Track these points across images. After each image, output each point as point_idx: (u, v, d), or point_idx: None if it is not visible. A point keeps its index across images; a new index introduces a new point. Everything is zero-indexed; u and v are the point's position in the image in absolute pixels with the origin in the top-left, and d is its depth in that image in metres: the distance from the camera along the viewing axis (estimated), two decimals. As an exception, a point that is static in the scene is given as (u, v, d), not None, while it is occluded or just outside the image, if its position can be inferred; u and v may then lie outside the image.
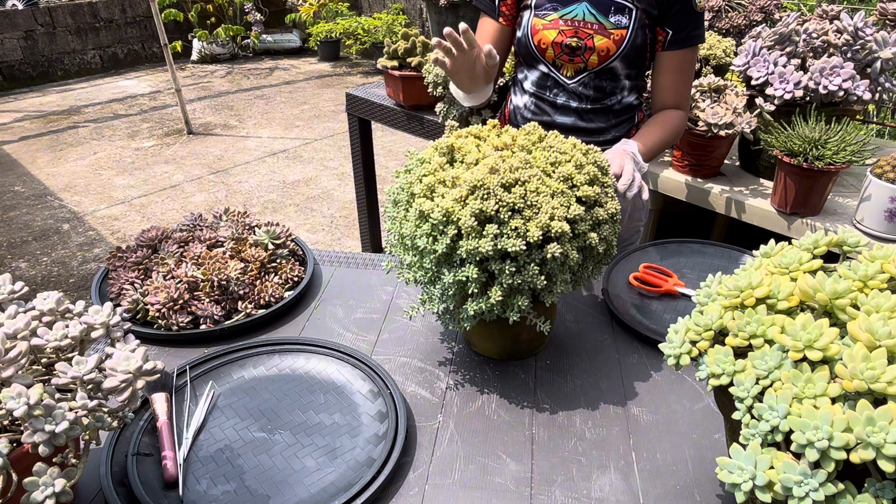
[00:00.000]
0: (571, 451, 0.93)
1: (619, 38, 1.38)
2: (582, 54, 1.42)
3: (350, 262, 1.44)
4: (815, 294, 0.69)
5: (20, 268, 3.43)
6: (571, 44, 1.40)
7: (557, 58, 1.44)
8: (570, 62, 1.44)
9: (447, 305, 0.97)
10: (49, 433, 0.68)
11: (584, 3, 1.39)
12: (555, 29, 1.41)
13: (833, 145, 1.51)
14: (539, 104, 1.54)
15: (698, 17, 1.40)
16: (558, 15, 1.41)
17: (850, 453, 0.58)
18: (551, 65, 1.47)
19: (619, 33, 1.38)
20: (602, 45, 1.39)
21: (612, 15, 1.38)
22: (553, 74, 1.48)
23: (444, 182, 0.94)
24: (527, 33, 1.46)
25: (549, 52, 1.44)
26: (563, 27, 1.41)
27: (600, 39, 1.39)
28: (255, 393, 1.04)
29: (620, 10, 1.37)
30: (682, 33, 1.39)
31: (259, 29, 7.88)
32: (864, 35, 1.73)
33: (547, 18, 1.42)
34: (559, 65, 1.46)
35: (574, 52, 1.42)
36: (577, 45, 1.41)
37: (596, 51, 1.40)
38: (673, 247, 1.43)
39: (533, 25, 1.44)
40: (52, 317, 0.83)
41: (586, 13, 1.38)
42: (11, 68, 6.57)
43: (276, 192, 4.28)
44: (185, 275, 1.20)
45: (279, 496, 0.86)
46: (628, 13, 1.37)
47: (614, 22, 1.38)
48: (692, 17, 1.39)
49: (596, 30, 1.39)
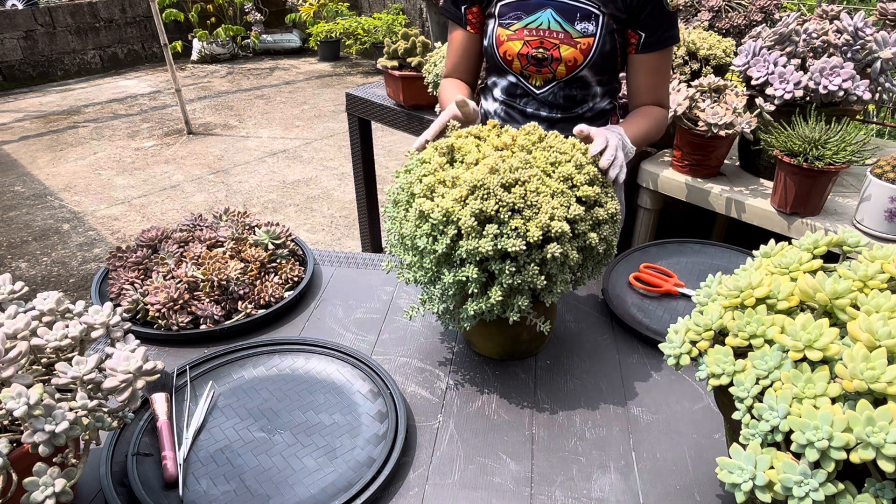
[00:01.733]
0: (571, 451, 0.93)
1: (586, 46, 1.34)
2: (549, 65, 1.38)
3: (350, 262, 1.44)
4: (815, 294, 0.69)
5: (20, 268, 3.43)
6: (537, 55, 1.37)
7: (525, 69, 1.41)
8: (538, 73, 1.41)
9: (447, 305, 0.97)
10: (49, 433, 0.68)
11: (549, 11, 1.34)
12: (520, 40, 1.37)
13: (833, 145, 1.51)
14: (509, 112, 1.51)
15: (671, 18, 1.35)
16: (522, 25, 1.36)
17: (850, 453, 0.58)
18: (519, 75, 1.44)
19: (585, 42, 1.34)
20: (569, 56, 1.35)
21: (578, 22, 1.33)
22: (522, 84, 1.45)
23: (444, 182, 0.94)
24: (492, 43, 1.42)
25: (515, 63, 1.41)
26: (528, 37, 1.36)
27: (567, 49, 1.35)
28: (255, 393, 1.04)
29: (587, 17, 1.33)
30: (656, 35, 1.35)
31: (259, 29, 7.89)
32: (864, 35, 1.73)
33: (511, 28, 1.37)
34: (527, 75, 1.43)
35: (541, 63, 1.38)
36: (543, 57, 1.37)
37: (563, 61, 1.36)
38: (673, 247, 1.44)
39: (498, 36, 1.39)
40: (52, 317, 0.83)
41: (551, 21, 1.34)
42: (11, 68, 6.57)
43: (276, 192, 4.28)
44: (185, 275, 1.20)
45: (279, 496, 0.86)
46: (595, 19, 1.33)
47: (580, 30, 1.33)
48: (665, 19, 1.34)
49: (562, 39, 1.35)
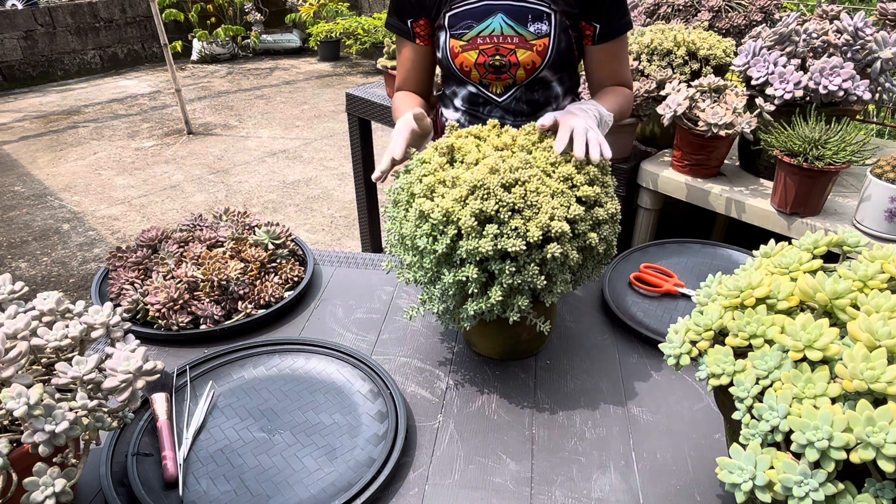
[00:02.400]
0: (571, 451, 0.93)
1: (542, 48, 1.32)
2: (508, 70, 1.35)
3: (350, 262, 1.44)
4: (815, 294, 0.69)
5: (20, 268, 3.43)
6: (495, 63, 1.34)
7: (483, 77, 1.38)
8: (498, 80, 1.38)
9: (447, 305, 0.97)
10: (49, 433, 0.68)
11: (500, 16, 1.31)
12: (474, 49, 1.34)
13: (833, 145, 1.51)
14: (472, 121, 1.47)
15: (623, 5, 1.34)
16: (475, 33, 1.33)
17: (850, 453, 0.58)
18: (479, 84, 1.41)
19: (541, 43, 1.32)
20: (526, 59, 1.33)
21: (530, 24, 1.30)
22: (483, 93, 1.42)
23: (445, 182, 0.94)
24: (447, 56, 1.38)
25: (473, 73, 1.38)
26: (482, 46, 1.33)
27: (523, 53, 1.32)
28: (255, 393, 1.04)
29: (539, 17, 1.30)
30: (611, 25, 1.33)
31: (259, 29, 7.89)
32: (864, 35, 1.73)
33: (464, 38, 1.34)
34: (487, 83, 1.40)
35: (499, 70, 1.35)
36: (500, 64, 1.34)
37: (521, 65, 1.34)
38: (673, 247, 1.44)
39: (451, 48, 1.36)
40: (52, 317, 0.83)
41: (503, 26, 1.31)
42: (11, 68, 6.57)
43: (276, 192, 4.28)
44: (185, 275, 1.20)
45: (279, 496, 0.86)
46: (547, 19, 1.30)
47: (534, 31, 1.31)
48: (617, 7, 1.33)
49: (517, 43, 1.32)
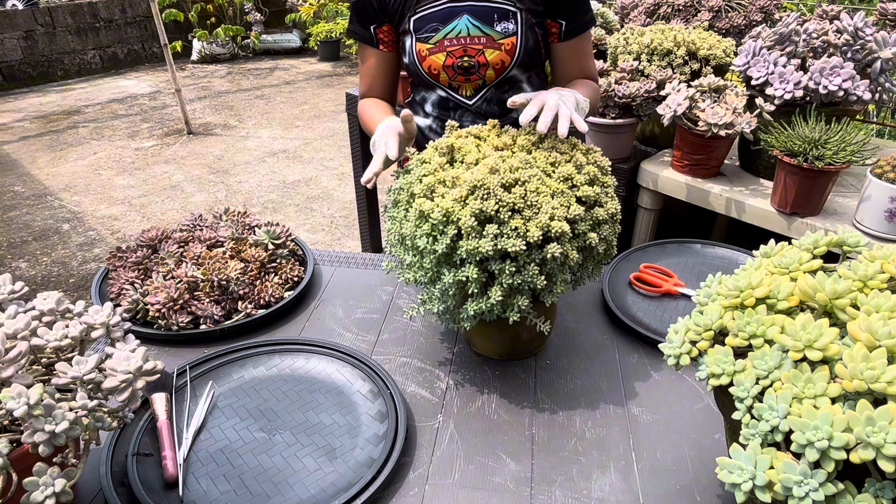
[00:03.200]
0: (571, 451, 0.93)
1: (510, 46, 1.32)
2: (477, 71, 1.34)
3: (350, 262, 1.44)
4: (815, 294, 0.69)
5: (20, 268, 3.43)
6: (463, 64, 1.33)
7: (453, 80, 1.37)
8: (467, 81, 1.37)
9: (447, 305, 0.97)
10: (49, 433, 0.68)
11: (465, 17, 1.30)
12: (442, 52, 1.33)
13: (833, 145, 1.51)
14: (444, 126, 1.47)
15: (586, 2, 1.36)
16: (441, 36, 1.32)
17: (850, 453, 0.58)
18: (448, 87, 1.40)
19: (509, 42, 1.32)
20: (495, 59, 1.33)
21: (497, 23, 1.30)
22: (453, 97, 1.41)
23: (445, 182, 0.94)
24: (414, 60, 1.37)
25: (442, 76, 1.36)
26: (450, 48, 1.32)
27: (492, 53, 1.32)
28: (255, 393, 1.04)
29: (505, 16, 1.30)
30: (575, 22, 1.34)
31: (259, 29, 7.89)
32: (864, 35, 1.73)
33: (431, 42, 1.33)
34: (456, 86, 1.39)
35: (468, 71, 1.34)
36: (469, 65, 1.33)
37: (490, 65, 1.33)
38: (673, 247, 1.44)
39: (418, 51, 1.35)
40: (52, 317, 0.83)
41: (469, 27, 1.30)
42: (11, 68, 6.57)
43: (276, 192, 4.28)
44: (185, 275, 1.20)
45: (279, 496, 0.86)
46: (513, 17, 1.30)
47: (501, 30, 1.31)
48: (581, 3, 1.34)
49: (485, 43, 1.31)
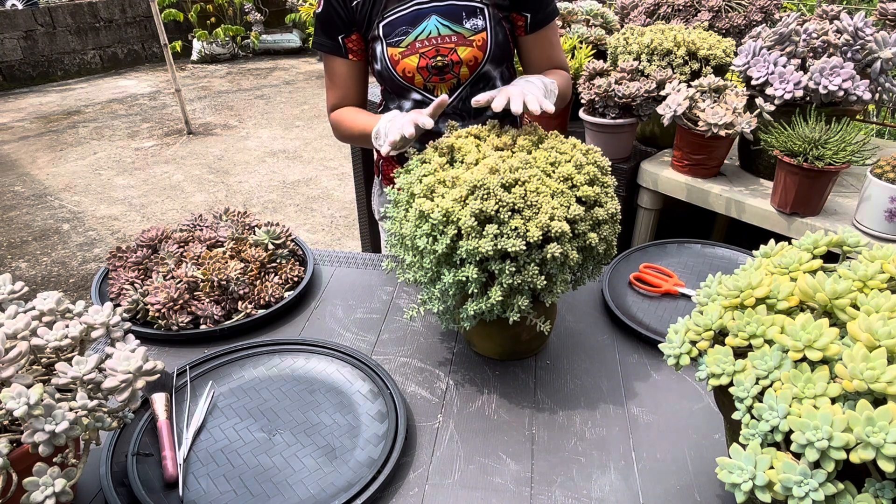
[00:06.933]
0: (571, 451, 0.93)
1: (481, 42, 1.33)
2: (451, 70, 1.35)
3: (350, 262, 1.44)
4: (815, 294, 0.69)
5: (20, 268, 3.43)
6: (437, 64, 1.33)
7: (427, 81, 1.37)
8: (442, 81, 1.37)
9: (447, 305, 0.97)
10: (49, 433, 0.68)
11: (434, 18, 1.31)
12: (414, 54, 1.33)
13: (833, 145, 1.51)
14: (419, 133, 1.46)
15: None
16: (412, 38, 1.32)
17: (850, 453, 0.58)
18: (423, 90, 1.39)
19: (479, 38, 1.33)
20: (468, 56, 1.33)
21: (466, 21, 1.32)
22: (429, 99, 1.39)
23: (444, 182, 0.94)
24: (387, 66, 1.36)
25: (416, 78, 1.36)
26: (422, 49, 1.33)
27: (464, 50, 1.33)
28: (255, 393, 1.04)
29: (473, 13, 1.32)
30: (541, 13, 1.36)
31: (259, 29, 7.89)
32: (864, 35, 1.73)
33: (402, 45, 1.33)
34: (431, 87, 1.38)
35: (442, 70, 1.35)
36: (443, 64, 1.33)
37: (463, 63, 1.34)
38: (673, 247, 1.44)
39: (391, 57, 1.34)
40: (52, 317, 0.83)
41: (439, 27, 1.31)
42: (11, 68, 6.57)
43: (276, 192, 4.28)
44: (185, 275, 1.20)
45: (279, 496, 0.86)
46: (481, 13, 1.32)
47: (471, 27, 1.32)
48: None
49: (456, 41, 1.32)
